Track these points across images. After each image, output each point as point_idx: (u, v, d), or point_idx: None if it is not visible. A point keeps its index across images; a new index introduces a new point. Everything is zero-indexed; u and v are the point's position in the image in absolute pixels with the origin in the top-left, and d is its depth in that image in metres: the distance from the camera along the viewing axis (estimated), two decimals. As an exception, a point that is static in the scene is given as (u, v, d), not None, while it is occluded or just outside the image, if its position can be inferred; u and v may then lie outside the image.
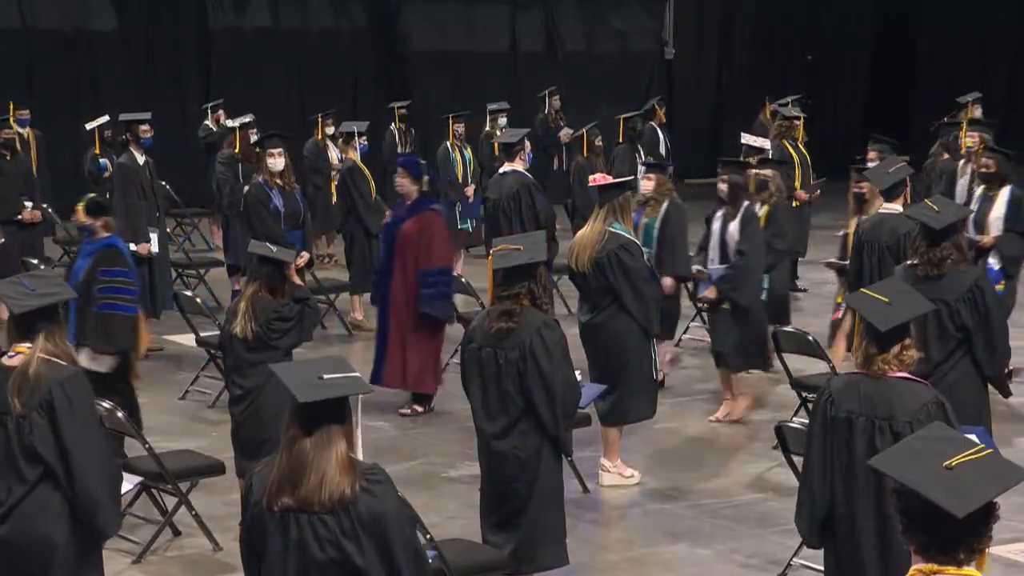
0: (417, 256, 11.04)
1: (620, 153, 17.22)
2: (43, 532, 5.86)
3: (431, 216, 11.24)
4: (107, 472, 5.92)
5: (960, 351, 7.83)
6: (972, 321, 7.78)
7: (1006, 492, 3.55)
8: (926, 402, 5.81)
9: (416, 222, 11.12)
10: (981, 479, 3.57)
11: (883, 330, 5.81)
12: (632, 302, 9.23)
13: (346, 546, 4.62)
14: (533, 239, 7.72)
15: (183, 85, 23.04)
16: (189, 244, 18.61)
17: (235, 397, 8.25)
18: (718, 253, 10.87)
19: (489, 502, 7.54)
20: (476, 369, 7.43)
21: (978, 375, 7.90)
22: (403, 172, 11.31)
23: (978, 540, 3.60)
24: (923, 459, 3.64)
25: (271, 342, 8.07)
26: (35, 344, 5.89)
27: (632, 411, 9.50)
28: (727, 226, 10.83)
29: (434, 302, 11.08)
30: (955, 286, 7.74)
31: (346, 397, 4.69)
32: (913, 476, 3.62)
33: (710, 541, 8.59)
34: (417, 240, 11.06)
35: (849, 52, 29.15)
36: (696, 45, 27.92)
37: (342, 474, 4.60)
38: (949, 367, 7.75)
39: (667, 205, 11.27)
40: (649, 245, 10.98)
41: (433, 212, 11.32)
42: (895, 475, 3.68)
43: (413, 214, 11.17)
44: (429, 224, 11.16)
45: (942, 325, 7.44)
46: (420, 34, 24.75)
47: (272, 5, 23.83)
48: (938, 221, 7.81)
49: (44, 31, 22.01)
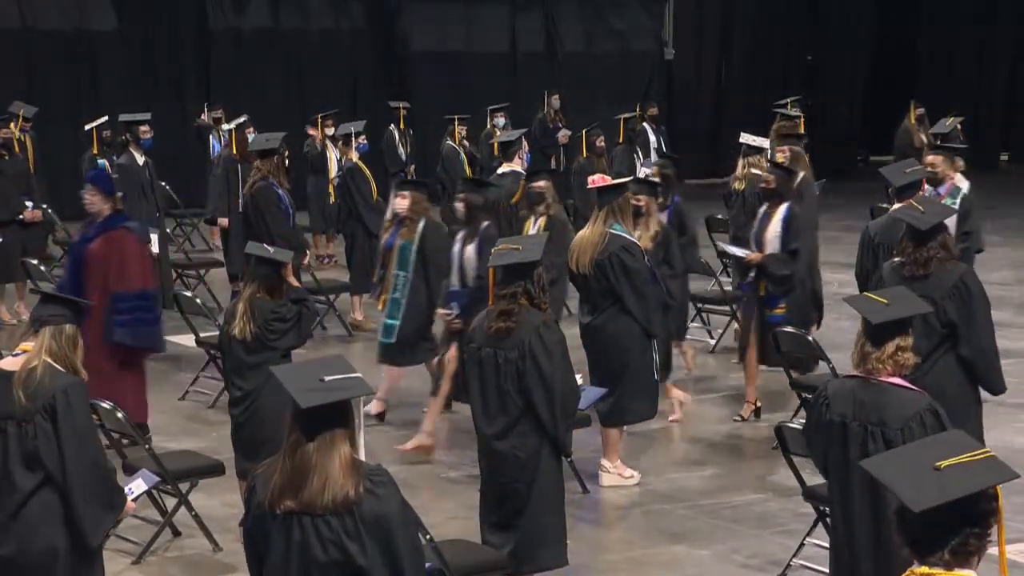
0: (107, 278, 10.05)
1: (619, 154, 17.25)
2: (46, 540, 5.89)
3: (122, 234, 10.17)
4: (97, 482, 5.94)
5: (944, 346, 7.82)
6: (958, 316, 7.77)
7: (1006, 494, 3.54)
8: (919, 410, 5.83)
9: (104, 241, 10.09)
10: (959, 479, 3.55)
11: (874, 323, 5.82)
12: (634, 304, 9.22)
13: (349, 547, 4.61)
14: (531, 240, 7.72)
15: (183, 85, 23.06)
16: (189, 245, 18.62)
17: (235, 399, 8.25)
18: (457, 277, 10.20)
19: (489, 502, 7.55)
20: (476, 369, 7.43)
21: (963, 370, 7.88)
22: (92, 188, 10.26)
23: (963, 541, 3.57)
24: (913, 460, 3.63)
25: (269, 343, 8.06)
26: (41, 341, 5.93)
27: (633, 412, 9.49)
28: (464, 248, 10.18)
29: (133, 329, 10.07)
30: (941, 283, 7.73)
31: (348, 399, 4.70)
32: (890, 472, 3.62)
33: (710, 542, 8.58)
34: (106, 260, 10.07)
35: (849, 52, 29.15)
36: (696, 45, 27.93)
37: (346, 476, 4.60)
38: (933, 362, 7.73)
39: (423, 225, 10.75)
40: (405, 269, 10.63)
41: (125, 230, 10.22)
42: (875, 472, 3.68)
43: (101, 232, 10.13)
44: (120, 243, 10.14)
45: (927, 321, 7.41)
46: (420, 34, 24.77)
47: (272, 5, 23.85)
48: (924, 222, 7.81)
49: (44, 31, 22.03)
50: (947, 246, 7.87)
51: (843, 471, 5.99)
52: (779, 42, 28.52)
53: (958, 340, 7.79)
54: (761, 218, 10.95)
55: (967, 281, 7.81)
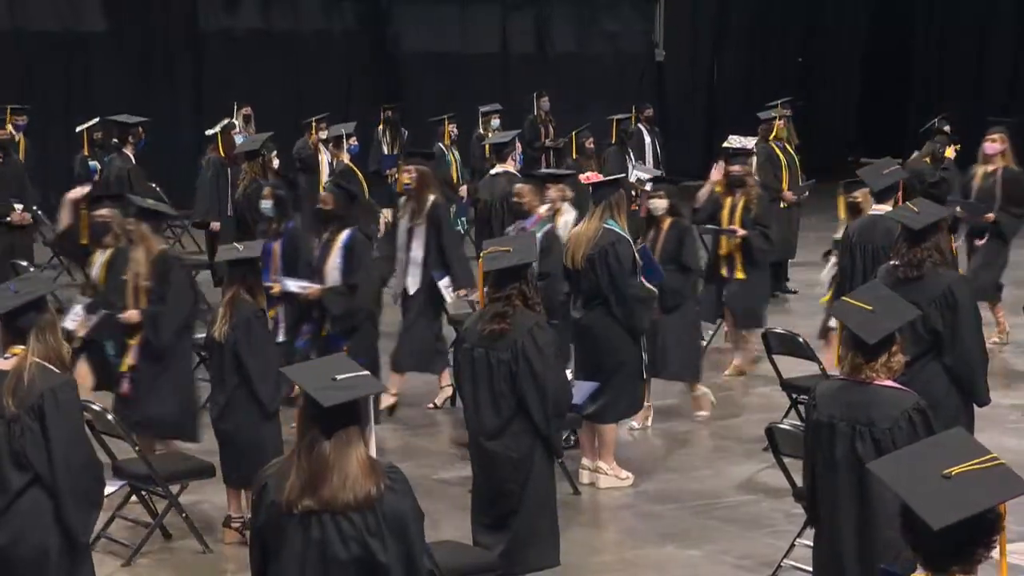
0: None
1: (611, 154, 17.27)
2: (36, 540, 5.88)
3: None
4: (87, 480, 5.93)
5: (931, 353, 7.80)
6: (943, 325, 7.72)
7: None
8: (907, 409, 5.83)
9: None
10: (975, 492, 3.53)
11: (871, 343, 5.80)
12: (615, 302, 9.19)
13: (371, 544, 4.66)
14: (522, 240, 7.73)
15: (174, 86, 23.02)
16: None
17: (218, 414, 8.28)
18: None
19: (481, 503, 7.55)
20: (468, 370, 7.44)
21: (950, 376, 7.84)
22: None
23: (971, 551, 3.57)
24: (920, 466, 3.61)
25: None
26: (27, 345, 5.92)
27: (619, 409, 9.47)
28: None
29: None
30: (930, 290, 7.68)
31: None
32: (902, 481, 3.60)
33: (701, 542, 8.58)
34: None
35: (843, 53, 29.16)
36: (689, 46, 27.93)
37: (365, 474, 4.65)
38: (921, 366, 7.71)
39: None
40: None
41: None
42: (887, 479, 3.66)
43: None
44: None
45: (914, 326, 7.35)
46: (412, 35, 24.77)
47: (264, 6, 23.83)
48: (917, 221, 7.78)
49: (35, 33, 21.99)
50: (941, 249, 7.84)
51: (831, 471, 5.98)
52: (772, 43, 28.53)
53: (943, 349, 7.75)
54: (322, 246, 9.86)
55: (955, 290, 7.72)
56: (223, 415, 8.25)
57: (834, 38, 29.04)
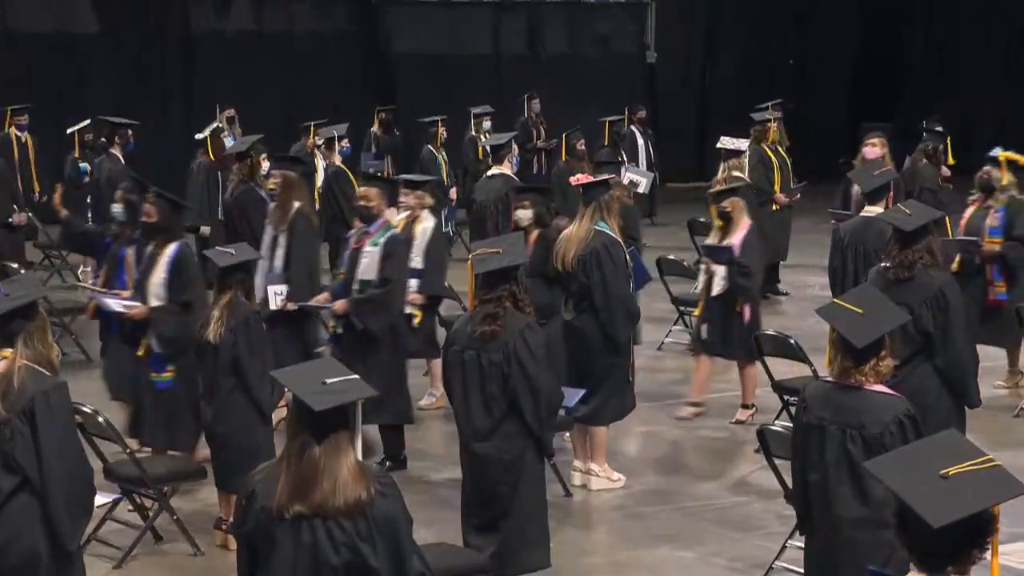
0: None
1: (602, 157, 17.23)
2: (28, 543, 5.85)
3: None
4: (77, 486, 5.90)
5: (921, 355, 7.80)
6: (933, 327, 7.73)
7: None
8: (897, 414, 5.84)
9: None
10: (973, 492, 3.54)
11: (859, 347, 5.81)
12: (602, 307, 9.18)
13: (362, 548, 4.67)
14: (512, 241, 7.72)
15: (166, 88, 23.00)
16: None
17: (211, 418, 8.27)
18: None
19: (471, 505, 7.55)
20: (458, 372, 7.44)
21: (941, 377, 7.85)
22: None
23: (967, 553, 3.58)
24: (917, 465, 3.62)
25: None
26: (16, 349, 5.89)
27: (609, 412, 9.46)
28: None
29: None
30: (920, 291, 7.69)
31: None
32: (900, 481, 3.60)
33: (693, 544, 8.58)
34: None
35: (835, 55, 29.15)
36: (681, 48, 27.91)
37: (356, 479, 4.65)
38: (912, 368, 7.72)
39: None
40: None
41: None
42: (884, 479, 3.67)
43: None
44: None
45: (905, 328, 7.36)
46: (403, 37, 24.75)
47: (255, 8, 23.81)
48: (909, 223, 7.80)
49: (27, 34, 21.95)
50: (932, 251, 7.86)
51: (822, 473, 5.98)
52: (764, 45, 28.52)
53: (934, 350, 7.76)
54: (146, 261, 9.12)
55: (946, 292, 7.75)
56: (216, 418, 8.23)
57: (826, 39, 29.03)
